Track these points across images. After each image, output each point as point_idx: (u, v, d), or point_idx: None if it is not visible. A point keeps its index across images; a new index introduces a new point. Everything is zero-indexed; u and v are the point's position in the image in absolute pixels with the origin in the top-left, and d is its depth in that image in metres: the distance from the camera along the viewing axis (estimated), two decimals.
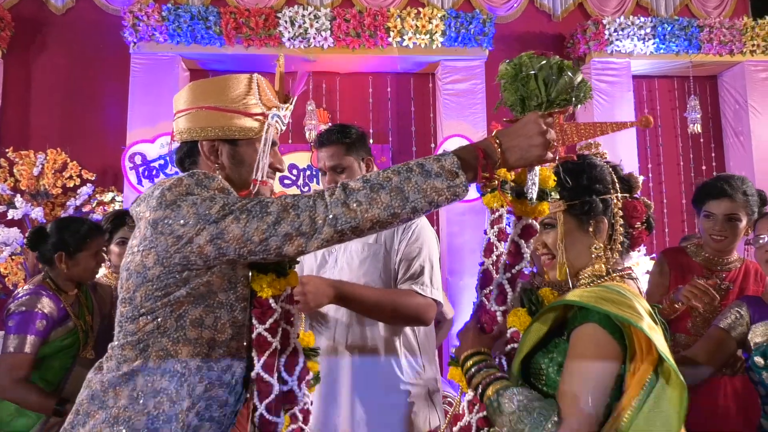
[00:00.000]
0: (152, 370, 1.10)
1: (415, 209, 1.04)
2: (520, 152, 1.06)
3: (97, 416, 1.09)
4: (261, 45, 4.94)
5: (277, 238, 1.05)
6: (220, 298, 1.15)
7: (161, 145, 4.85)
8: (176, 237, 1.08)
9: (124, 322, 1.14)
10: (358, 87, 5.48)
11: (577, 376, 1.04)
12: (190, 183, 1.13)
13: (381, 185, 1.04)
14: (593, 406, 1.02)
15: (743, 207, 2.03)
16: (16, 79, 5.20)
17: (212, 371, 1.15)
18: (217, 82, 1.26)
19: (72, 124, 5.14)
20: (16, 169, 4.66)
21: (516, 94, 1.13)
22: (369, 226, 1.04)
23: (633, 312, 1.05)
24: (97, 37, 5.23)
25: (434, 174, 1.03)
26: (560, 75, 1.09)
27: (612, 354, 1.04)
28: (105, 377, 1.13)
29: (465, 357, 1.17)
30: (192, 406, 1.12)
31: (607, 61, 5.32)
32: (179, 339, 1.12)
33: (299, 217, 1.05)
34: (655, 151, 5.71)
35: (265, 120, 1.26)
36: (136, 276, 1.12)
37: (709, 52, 5.33)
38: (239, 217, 1.06)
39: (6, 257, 4.41)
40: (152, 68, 4.98)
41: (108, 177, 5.07)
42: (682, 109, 5.58)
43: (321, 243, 1.05)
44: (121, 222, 2.52)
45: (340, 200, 1.04)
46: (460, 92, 5.22)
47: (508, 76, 1.13)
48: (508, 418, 1.03)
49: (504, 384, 1.09)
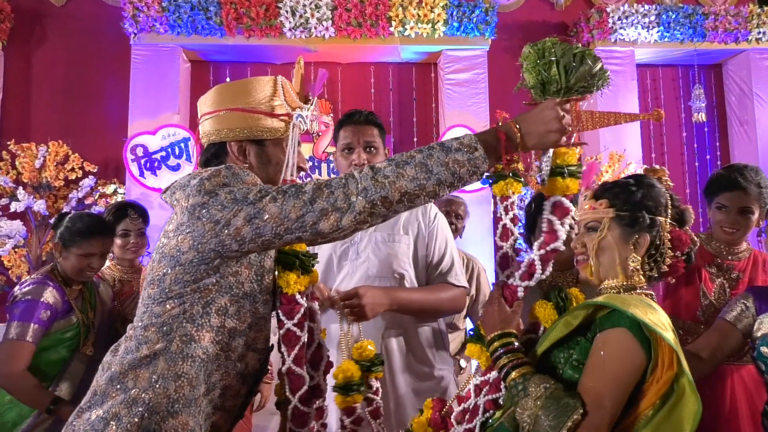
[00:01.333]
0: (174, 355, 1.13)
1: (440, 181, 1.09)
2: (538, 137, 1.12)
3: (116, 397, 1.10)
4: (262, 35, 4.91)
5: (314, 214, 1.09)
6: (246, 289, 1.19)
7: (162, 137, 4.85)
8: (214, 222, 1.12)
9: (150, 303, 1.17)
10: (359, 77, 5.45)
11: (603, 375, 1.06)
12: (228, 174, 1.17)
13: (406, 162, 1.11)
14: (613, 406, 1.05)
15: (757, 199, 2.00)
16: (17, 72, 5.18)
17: (229, 360, 1.18)
18: (243, 84, 1.31)
19: (73, 116, 5.13)
20: (18, 162, 4.66)
21: (537, 78, 1.17)
22: (398, 197, 1.09)
23: (661, 324, 1.09)
24: (97, 28, 5.21)
25: (454, 149, 1.10)
26: (581, 63, 1.14)
27: (638, 361, 1.08)
28: (125, 359, 1.14)
29: (492, 337, 1.19)
30: (207, 392, 1.16)
31: (611, 50, 5.27)
32: (203, 325, 1.15)
33: (333, 193, 1.10)
34: (659, 140, 5.68)
35: (290, 120, 1.31)
36: (169, 259, 1.16)
37: (714, 40, 5.27)
38: (276, 197, 1.12)
39: (9, 249, 4.42)
40: (153, 59, 4.96)
41: (110, 169, 5.06)
42: (687, 98, 5.54)
43: (355, 217, 1.09)
44: (123, 214, 2.52)
45: (369, 175, 1.11)
46: (463, 82, 5.18)
47: (531, 59, 1.17)
48: (533, 401, 1.05)
49: (530, 370, 1.13)
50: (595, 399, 1.04)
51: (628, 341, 1.08)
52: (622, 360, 1.07)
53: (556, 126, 1.11)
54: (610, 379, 1.05)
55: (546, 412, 1.03)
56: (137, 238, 2.52)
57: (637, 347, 1.07)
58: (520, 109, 1.19)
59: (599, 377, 1.06)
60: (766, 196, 2.01)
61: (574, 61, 1.14)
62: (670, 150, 5.67)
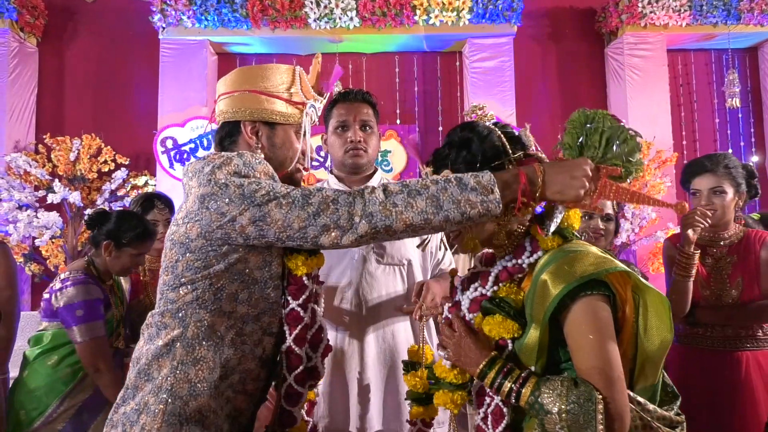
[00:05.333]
0: (190, 340, 1.17)
1: (447, 218, 1.08)
2: (560, 186, 1.10)
3: (144, 388, 1.16)
4: (287, 27, 4.94)
5: (315, 228, 1.11)
6: (255, 276, 1.21)
7: (191, 129, 4.93)
8: (220, 213, 1.14)
9: (165, 289, 1.21)
10: (384, 67, 5.44)
11: (593, 350, 1.04)
12: (239, 163, 1.18)
13: (418, 191, 1.10)
14: (616, 369, 1.04)
15: (727, 179, 2.11)
16: (51, 67, 5.33)
17: (245, 344, 1.21)
18: (263, 69, 1.33)
19: (105, 110, 5.26)
20: (53, 155, 4.80)
21: (576, 140, 1.17)
22: (402, 228, 1.09)
23: (600, 259, 1.09)
24: (126, 23, 5.31)
25: (470, 188, 1.09)
26: (623, 143, 1.15)
27: (606, 310, 1.07)
28: (149, 350, 1.19)
29: (483, 369, 1.13)
30: (226, 376, 1.19)
31: (641, 34, 5.15)
32: (216, 311, 1.18)
33: (338, 210, 1.10)
34: (690, 127, 5.54)
35: (304, 108, 1.34)
36: (180, 246, 1.19)
37: (749, 23, 5.10)
38: (282, 204, 1.12)
39: (47, 240, 4.57)
40: (181, 53, 5.05)
41: (141, 161, 5.18)
42: (720, 84, 5.39)
43: (356, 238, 1.10)
44: (150, 205, 2.58)
45: (379, 200, 1.10)
46: (488, 70, 5.13)
47: (578, 122, 1.18)
48: (557, 416, 1.02)
49: (535, 381, 1.07)
50: (602, 376, 1.02)
51: (591, 304, 1.06)
52: (596, 323, 1.05)
53: (581, 182, 1.09)
54: (600, 348, 1.04)
55: (574, 416, 1.00)
56: (165, 228, 2.59)
57: (598, 300, 1.06)
58: (546, 97, 1.18)
59: (591, 354, 1.04)
60: (737, 176, 2.12)
61: (617, 138, 1.14)
62: (702, 137, 5.53)
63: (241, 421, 1.26)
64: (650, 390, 1.13)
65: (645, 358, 1.10)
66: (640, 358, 1.10)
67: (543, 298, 1.08)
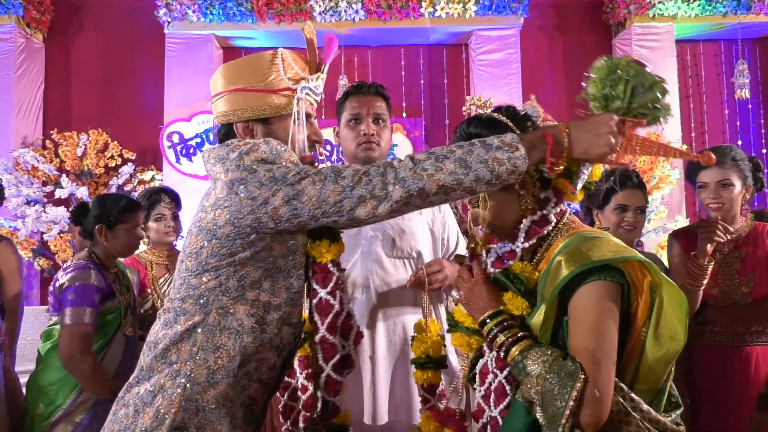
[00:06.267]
0: (212, 327, 1.16)
1: (478, 177, 1.09)
2: (586, 145, 1.09)
3: (161, 371, 1.16)
4: (292, 20, 4.93)
5: (352, 200, 1.11)
6: (279, 264, 1.20)
7: (197, 124, 4.94)
8: (251, 198, 1.14)
9: (187, 275, 1.20)
10: (389, 60, 5.42)
11: (588, 330, 1.03)
12: (266, 149, 1.19)
13: (445, 156, 1.11)
14: (608, 355, 1.02)
15: (734, 171, 2.07)
16: (57, 63, 5.34)
17: (265, 333, 1.21)
18: (244, 63, 1.31)
19: (111, 105, 5.27)
20: (60, 150, 4.82)
21: (601, 91, 1.15)
22: (435, 190, 1.10)
23: (620, 248, 1.07)
24: (132, 18, 5.32)
25: (495, 147, 1.09)
26: (649, 90, 1.12)
27: (614, 298, 1.05)
28: (167, 334, 1.18)
29: (484, 318, 1.14)
30: (244, 364, 1.18)
31: (649, 25, 5.10)
32: (238, 299, 1.17)
33: (372, 181, 1.12)
34: (699, 119, 5.49)
35: (294, 94, 1.29)
36: (206, 233, 1.18)
37: (760, 12, 5.04)
38: (315, 180, 1.13)
39: (55, 235, 4.60)
40: (186, 47, 5.05)
41: (147, 156, 5.19)
42: (729, 74, 5.33)
43: (392, 205, 1.11)
44: (157, 199, 2.60)
45: (408, 166, 1.11)
46: (495, 63, 5.11)
47: (602, 71, 1.15)
48: (535, 380, 1.02)
49: (529, 343, 1.08)
50: (590, 358, 1.01)
51: (598, 289, 1.04)
52: (599, 310, 1.03)
53: (606, 139, 1.08)
54: (595, 333, 1.03)
55: (549, 386, 1.00)
56: (172, 222, 2.62)
57: (608, 287, 1.04)
58: (553, 89, 1.17)
59: (585, 336, 1.03)
60: (744, 168, 2.08)
61: (643, 85, 1.12)
62: (711, 129, 5.48)
63: (254, 409, 1.26)
64: (653, 393, 1.10)
65: (651, 361, 1.08)
66: (646, 359, 1.08)
67: (554, 277, 1.08)
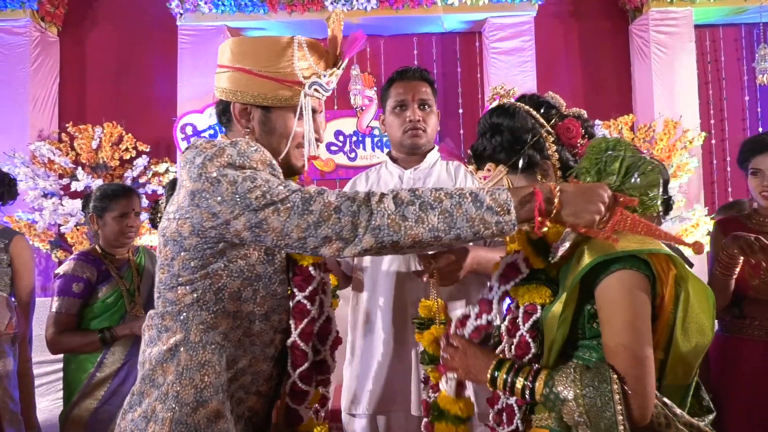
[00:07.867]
0: (194, 345, 1.10)
1: (459, 236, 1.01)
2: (575, 209, 1.03)
3: (151, 395, 1.11)
4: (304, 10, 4.90)
5: (316, 239, 1.01)
6: (258, 271, 1.13)
7: (210, 115, 4.95)
8: (212, 213, 1.06)
9: (163, 289, 1.14)
10: (402, 49, 5.37)
11: (623, 326, 1.01)
12: (232, 153, 1.08)
13: (431, 205, 1.01)
14: (646, 348, 1.00)
15: None
16: (72, 56, 5.38)
17: (255, 345, 1.15)
18: (256, 42, 1.21)
19: (125, 97, 5.30)
20: (76, 143, 4.86)
21: (595, 165, 1.13)
22: (410, 243, 1.01)
23: (645, 241, 1.05)
24: (145, 10, 5.32)
25: (486, 206, 1.00)
26: (642, 175, 1.10)
27: (644, 289, 1.03)
28: (152, 355, 1.13)
29: (492, 370, 1.12)
30: (236, 378, 1.14)
31: (667, 10, 4.99)
32: (219, 312, 1.11)
33: (341, 221, 1.01)
34: (718, 105, 5.38)
35: (302, 89, 1.19)
36: (173, 244, 1.11)
37: None
38: (279, 210, 1.02)
39: (71, 227, 4.65)
40: (199, 39, 5.05)
41: (161, 148, 5.22)
42: (750, 59, 5.20)
43: (359, 251, 1.02)
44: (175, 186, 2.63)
45: (387, 211, 1.01)
46: (509, 50, 5.04)
47: (598, 148, 1.14)
48: (574, 403, 0.99)
49: (546, 373, 1.05)
50: (627, 354, 0.99)
51: (627, 279, 1.02)
52: (631, 301, 1.01)
53: (597, 207, 1.02)
54: (629, 326, 1.00)
55: (591, 401, 0.97)
56: None
57: (638, 278, 1.02)
58: (569, 78, 1.15)
59: (619, 331, 1.01)
60: None
61: (638, 169, 1.10)
62: (730, 115, 5.37)
63: (256, 421, 1.22)
64: (681, 390, 1.08)
65: (678, 356, 1.05)
66: (673, 353, 1.06)
67: (577, 265, 1.06)
